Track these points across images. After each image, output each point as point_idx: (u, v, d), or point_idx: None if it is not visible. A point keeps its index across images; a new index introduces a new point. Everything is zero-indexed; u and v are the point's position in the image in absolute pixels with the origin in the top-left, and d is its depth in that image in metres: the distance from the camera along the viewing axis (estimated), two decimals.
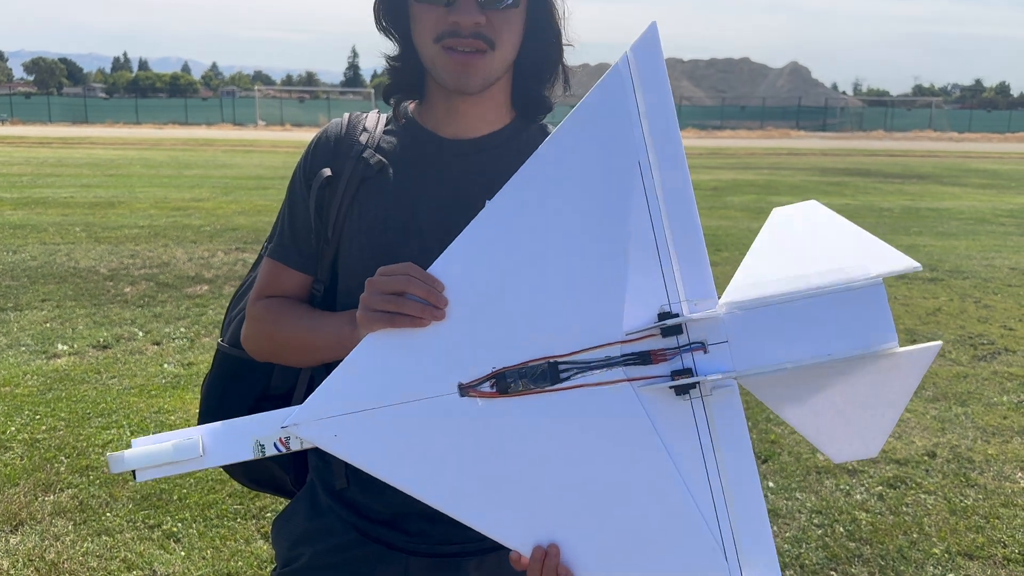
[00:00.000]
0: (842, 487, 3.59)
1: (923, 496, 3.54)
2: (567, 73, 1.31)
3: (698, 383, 1.07)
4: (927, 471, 3.78)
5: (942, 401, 4.66)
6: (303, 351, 1.30)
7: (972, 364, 5.32)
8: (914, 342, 5.30)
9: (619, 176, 1.08)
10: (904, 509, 3.43)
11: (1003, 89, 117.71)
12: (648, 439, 1.07)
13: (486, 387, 1.07)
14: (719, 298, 1.10)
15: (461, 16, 1.15)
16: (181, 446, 1.12)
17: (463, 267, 1.09)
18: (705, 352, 1.08)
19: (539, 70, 1.28)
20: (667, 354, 1.07)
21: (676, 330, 1.07)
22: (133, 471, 1.12)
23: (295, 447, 1.12)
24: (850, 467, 3.77)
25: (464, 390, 1.07)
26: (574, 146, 1.09)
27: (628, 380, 1.07)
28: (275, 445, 1.13)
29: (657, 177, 1.08)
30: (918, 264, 1.09)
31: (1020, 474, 3.78)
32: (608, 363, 1.07)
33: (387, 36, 1.28)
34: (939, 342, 1.13)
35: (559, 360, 1.07)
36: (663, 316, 1.07)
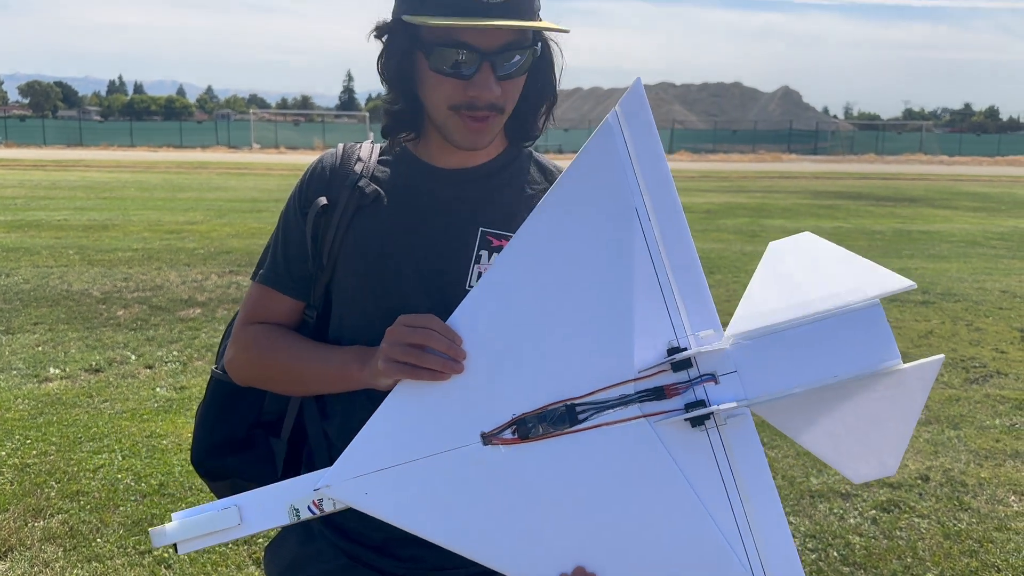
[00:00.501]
0: (836, 511, 3.59)
1: (917, 520, 3.54)
2: (551, 108, 1.34)
3: (712, 413, 1.10)
4: (920, 495, 3.78)
5: (935, 424, 4.67)
6: (295, 381, 1.31)
7: (964, 387, 5.34)
8: None
9: (619, 222, 1.13)
10: (898, 533, 3.43)
11: (992, 113, 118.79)
12: (669, 472, 1.10)
13: (508, 434, 1.11)
14: (724, 330, 1.13)
15: (480, 91, 1.17)
16: (219, 517, 1.15)
17: (479, 318, 1.13)
18: (716, 383, 1.11)
19: (535, 107, 1.31)
20: (680, 388, 1.11)
21: (686, 364, 1.11)
22: (175, 544, 1.15)
23: (328, 508, 1.15)
24: (843, 491, 3.77)
25: (487, 439, 1.11)
26: (575, 197, 1.14)
27: (644, 416, 1.10)
28: (309, 508, 1.16)
29: (654, 220, 1.13)
30: (913, 283, 1.13)
31: (1013, 498, 3.78)
32: (624, 401, 1.11)
33: (390, 88, 1.27)
34: (941, 355, 1.17)
35: (576, 402, 1.10)
36: (672, 351, 1.11)
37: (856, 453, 1.13)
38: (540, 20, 1.22)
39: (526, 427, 1.10)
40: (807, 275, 1.16)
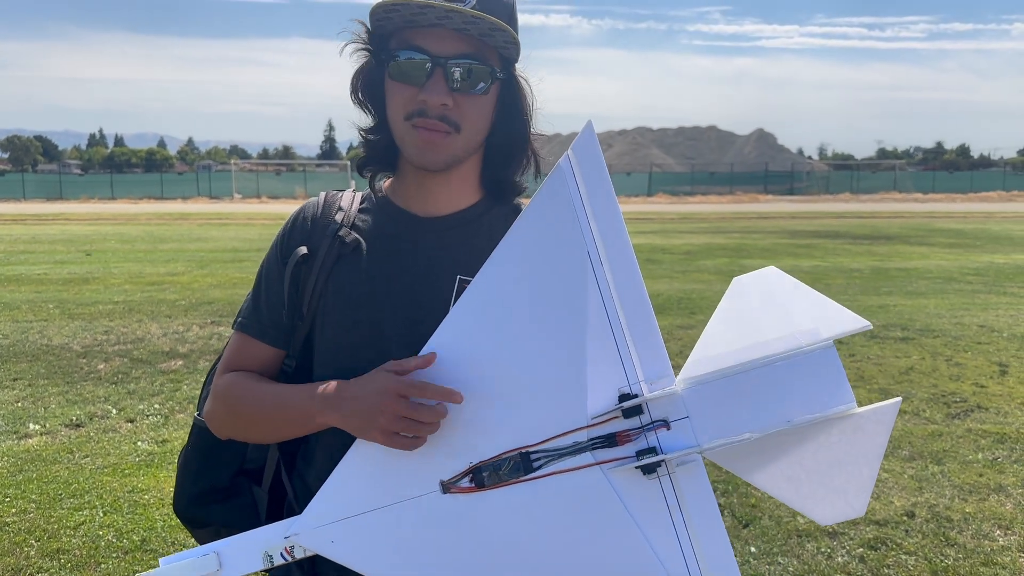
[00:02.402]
0: (823, 550, 3.59)
1: (904, 557, 3.55)
2: (539, 161, 1.36)
3: (663, 461, 1.10)
4: (907, 531, 3.79)
5: (918, 460, 4.70)
6: (263, 429, 1.32)
7: (946, 422, 5.37)
8: None
9: (571, 268, 1.14)
10: (885, 571, 3.42)
11: (963, 151, 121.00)
12: (621, 520, 1.10)
13: (465, 483, 1.12)
14: (676, 375, 1.14)
15: (429, 96, 1.20)
16: (200, 563, 1.20)
17: (435, 367, 1.13)
18: (668, 429, 1.11)
19: (507, 154, 1.33)
20: (631, 434, 1.11)
21: (637, 410, 1.11)
22: None
23: (299, 555, 1.19)
24: (830, 530, 3.77)
25: (446, 487, 1.12)
26: (529, 243, 1.16)
27: (597, 463, 1.11)
28: (281, 555, 1.20)
29: (607, 265, 1.13)
30: (868, 323, 1.14)
31: (999, 532, 3.80)
32: (577, 448, 1.11)
33: (362, 109, 1.33)
34: (899, 399, 1.17)
35: (531, 450, 1.11)
36: (623, 398, 1.11)
37: (819, 495, 1.12)
38: (513, 55, 1.27)
39: (481, 476, 1.11)
40: (765, 313, 1.15)
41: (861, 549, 3.60)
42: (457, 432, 1.12)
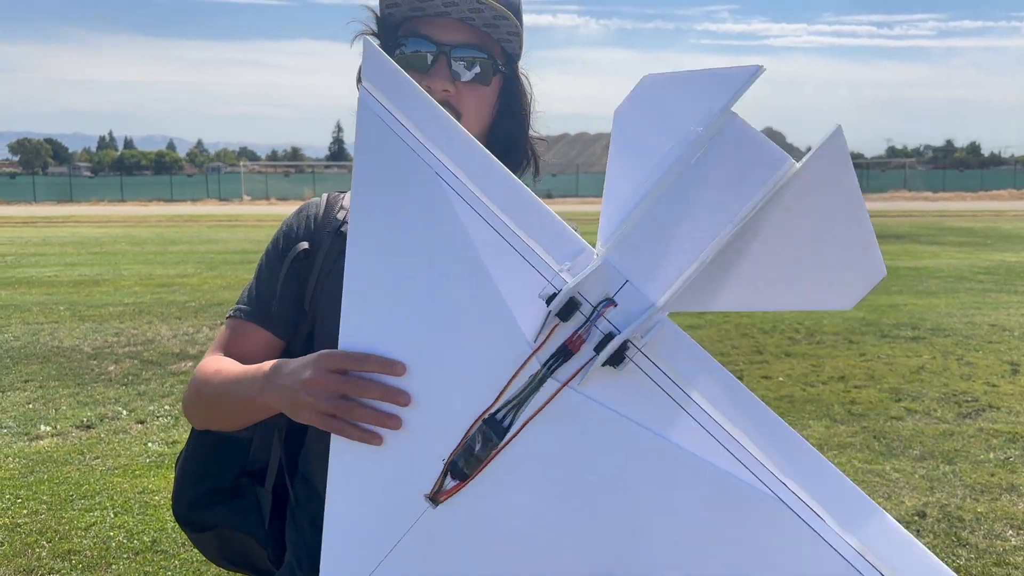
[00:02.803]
0: None
1: None
2: (538, 161, 1.37)
3: (626, 341, 0.91)
4: (918, 531, 3.77)
5: (929, 460, 4.67)
6: (222, 409, 1.23)
7: (957, 422, 5.34)
8: (899, 401, 5.27)
9: (428, 198, 0.99)
10: None
11: (974, 149, 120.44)
12: (623, 430, 0.93)
13: (449, 483, 0.96)
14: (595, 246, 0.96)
15: (432, 81, 1.22)
16: None
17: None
18: (616, 305, 0.93)
19: (506, 150, 1.34)
20: (581, 334, 0.93)
21: (573, 305, 0.93)
22: None
23: None
24: None
25: (434, 499, 0.97)
26: (375, 200, 1.01)
27: (564, 385, 0.94)
28: None
29: (461, 175, 0.98)
30: (759, 65, 0.92)
31: (1011, 532, 3.77)
32: (537, 382, 0.94)
33: None
34: (838, 124, 0.92)
35: (491, 412, 0.95)
36: (551, 300, 0.93)
37: (825, 279, 0.91)
38: (516, 49, 1.29)
39: (458, 467, 0.95)
40: (655, 125, 0.94)
41: None
42: (414, 434, 0.97)
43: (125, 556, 3.53)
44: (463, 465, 0.95)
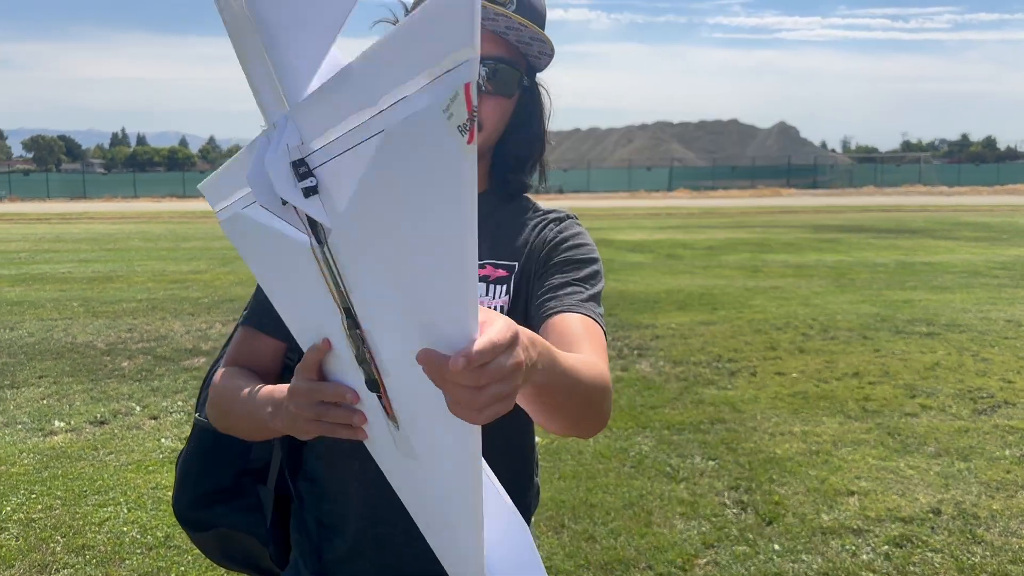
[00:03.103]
0: (848, 548, 3.55)
1: (930, 554, 3.50)
2: (543, 167, 1.37)
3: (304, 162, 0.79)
4: (933, 528, 3.74)
5: (944, 457, 4.64)
6: (245, 427, 1.23)
7: (973, 418, 5.30)
8: (914, 398, 5.23)
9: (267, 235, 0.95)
10: (912, 568, 3.38)
11: (990, 143, 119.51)
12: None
13: (378, 402, 0.94)
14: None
15: None
16: None
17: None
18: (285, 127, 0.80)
19: (521, 159, 1.34)
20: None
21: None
22: None
23: None
24: (855, 527, 3.73)
25: (394, 423, 0.94)
26: (255, 268, 1.10)
27: (319, 244, 0.85)
28: None
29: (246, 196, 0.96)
30: None
31: None
32: (325, 255, 0.85)
33: None
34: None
35: (344, 318, 0.90)
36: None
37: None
38: (542, 66, 1.28)
39: (373, 383, 0.92)
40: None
41: (887, 547, 3.56)
42: (363, 404, 0.98)
43: (139, 551, 3.55)
44: (368, 382, 0.93)
